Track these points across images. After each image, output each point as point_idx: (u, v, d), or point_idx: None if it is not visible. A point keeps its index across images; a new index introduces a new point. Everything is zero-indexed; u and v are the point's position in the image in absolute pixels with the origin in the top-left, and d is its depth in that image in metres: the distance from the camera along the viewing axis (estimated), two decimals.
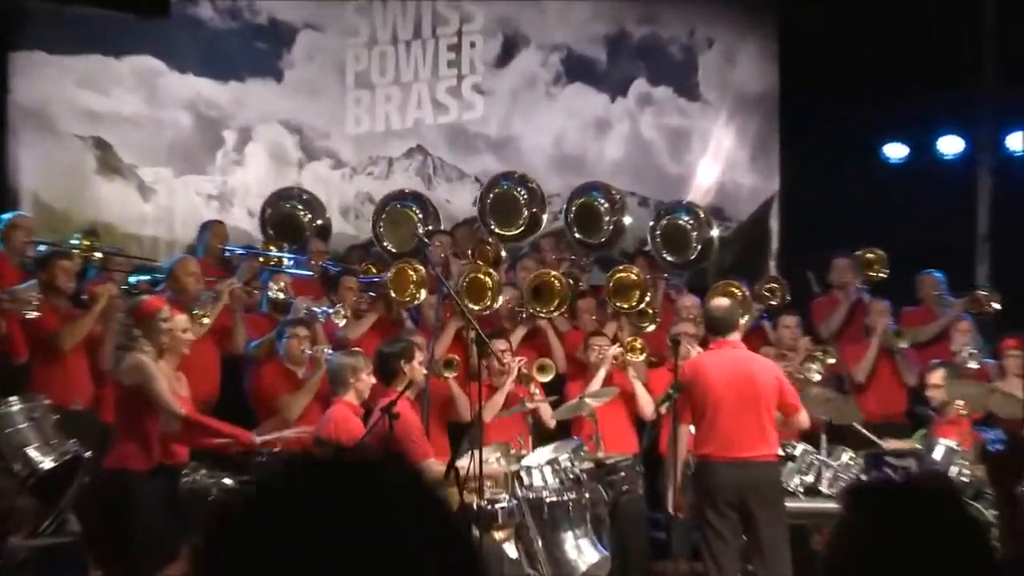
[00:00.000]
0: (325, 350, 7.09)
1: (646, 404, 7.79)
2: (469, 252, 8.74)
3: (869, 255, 9.06)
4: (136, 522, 5.65)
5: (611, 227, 9.43)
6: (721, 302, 6.45)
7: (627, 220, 9.51)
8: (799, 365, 7.95)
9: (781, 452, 6.52)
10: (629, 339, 8.05)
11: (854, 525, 2.09)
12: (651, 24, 10.67)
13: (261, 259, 8.29)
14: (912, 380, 8.24)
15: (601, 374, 7.80)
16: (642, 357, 7.95)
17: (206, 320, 7.07)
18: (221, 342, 7.49)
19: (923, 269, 9.03)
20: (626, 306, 8.52)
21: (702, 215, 9.59)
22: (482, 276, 8.08)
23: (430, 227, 9.14)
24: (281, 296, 7.73)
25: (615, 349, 7.88)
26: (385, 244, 9.10)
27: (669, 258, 9.41)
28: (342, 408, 6.23)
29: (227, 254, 8.42)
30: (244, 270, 8.06)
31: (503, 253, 8.64)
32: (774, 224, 10.80)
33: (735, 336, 6.30)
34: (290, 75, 9.91)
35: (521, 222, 9.29)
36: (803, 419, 6.31)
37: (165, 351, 5.89)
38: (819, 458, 7.04)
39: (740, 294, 8.49)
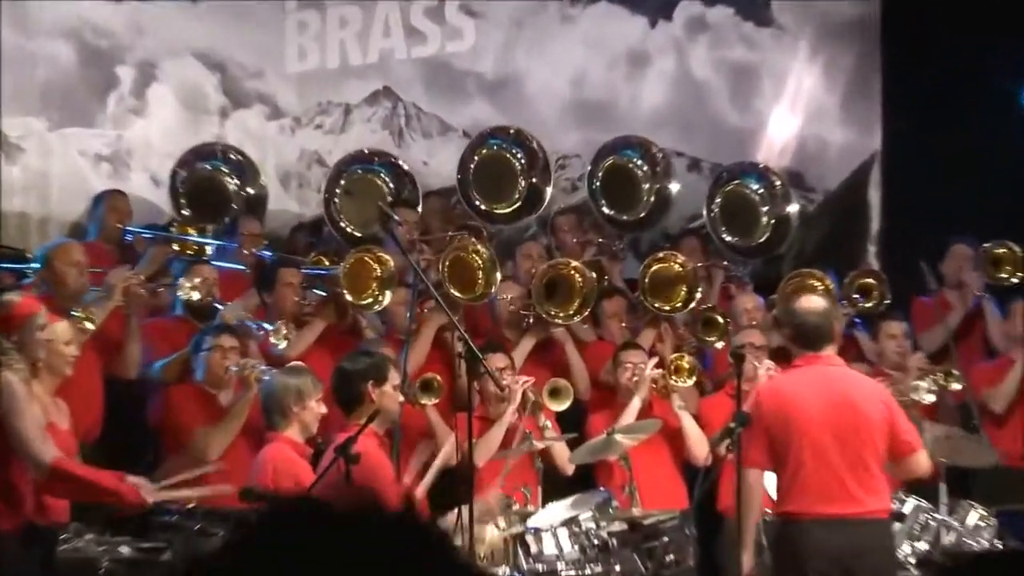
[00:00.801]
0: (258, 367, 7.08)
1: (697, 444, 7.78)
2: (448, 237, 8.75)
3: (999, 250, 8.98)
4: None
5: (652, 199, 9.42)
6: (815, 303, 6.38)
7: (674, 188, 9.51)
8: (906, 384, 7.93)
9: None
10: (674, 356, 8.03)
11: None
12: None
13: (174, 244, 8.28)
14: None
15: (636, 403, 7.79)
16: (691, 381, 7.94)
17: (89, 325, 7.02)
18: (106, 358, 7.42)
19: None
20: (667, 307, 8.52)
21: (777, 183, 9.55)
22: (467, 254, 8.09)
23: (404, 197, 9.13)
24: (195, 296, 7.68)
25: (655, 369, 7.88)
26: (343, 224, 9.08)
27: (729, 240, 9.40)
28: (281, 447, 6.20)
29: (128, 237, 8.41)
30: (150, 258, 8.05)
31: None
32: (874, 195, 10.78)
33: (831, 350, 6.27)
34: None
35: (517, 195, 9.29)
36: (922, 462, 6.29)
37: (40, 370, 5.88)
38: (937, 517, 7.03)
39: (824, 288, 8.46)
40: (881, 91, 10.73)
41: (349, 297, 7.90)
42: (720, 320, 8.53)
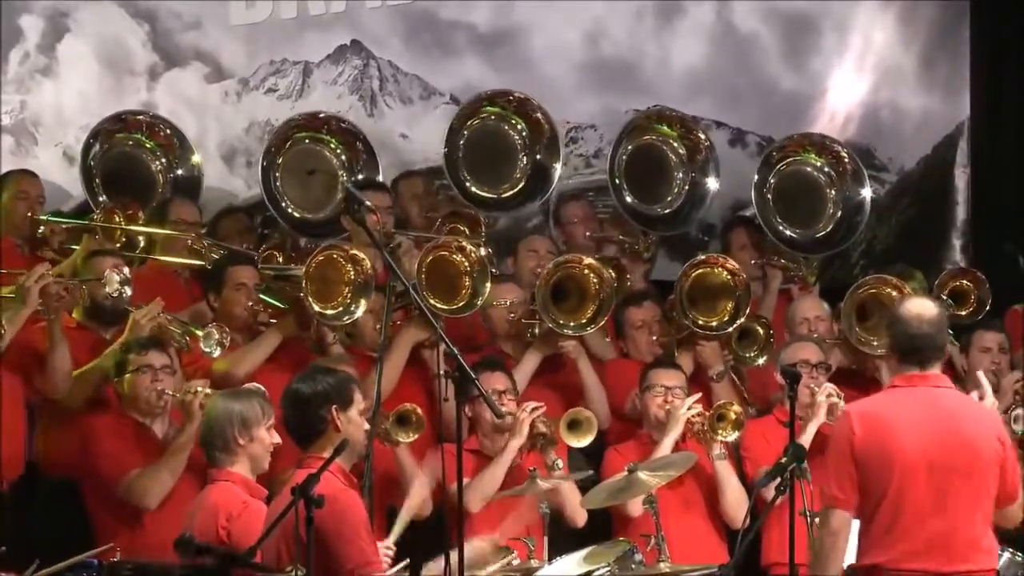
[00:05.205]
0: (200, 390, 7.08)
1: (735, 505, 7.76)
2: (436, 228, 8.79)
3: None
4: None
5: (687, 184, 9.47)
6: (926, 309, 6.32)
7: (712, 186, 9.53)
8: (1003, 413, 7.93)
9: None
10: (721, 404, 7.91)
11: None
12: None
13: (96, 235, 8.34)
14: None
15: (667, 444, 7.77)
16: (734, 436, 7.85)
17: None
18: (26, 376, 7.46)
19: None
20: (714, 323, 8.51)
21: (845, 159, 9.57)
22: (450, 254, 8.12)
23: (364, 174, 9.17)
24: (128, 292, 7.66)
25: (693, 406, 7.83)
26: (286, 207, 9.12)
27: (786, 231, 9.43)
28: (229, 489, 6.19)
29: (40, 229, 8.51)
30: (79, 253, 8.12)
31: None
32: (961, 177, 10.80)
33: (938, 368, 6.23)
34: None
35: (518, 175, 9.35)
36: (1019, 513, 6.31)
37: None
38: None
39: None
40: (970, 47, 10.72)
41: (315, 306, 7.88)
42: (760, 330, 8.53)
